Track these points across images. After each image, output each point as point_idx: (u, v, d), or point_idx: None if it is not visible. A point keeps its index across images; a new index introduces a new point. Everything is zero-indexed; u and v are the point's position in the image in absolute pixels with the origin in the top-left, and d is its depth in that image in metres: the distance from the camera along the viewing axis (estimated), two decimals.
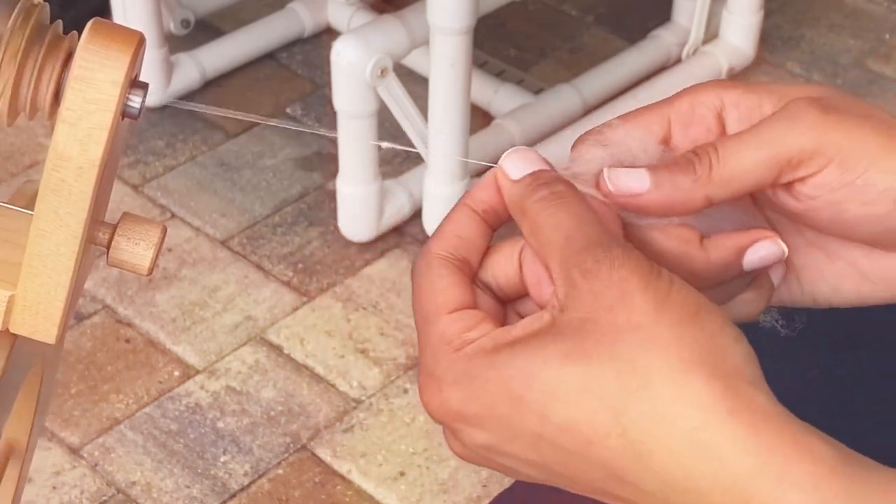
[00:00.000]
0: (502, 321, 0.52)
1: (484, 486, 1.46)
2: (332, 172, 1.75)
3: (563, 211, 0.49)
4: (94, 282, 1.67)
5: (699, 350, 0.45)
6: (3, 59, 0.46)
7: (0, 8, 0.46)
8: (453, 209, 0.53)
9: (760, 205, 0.56)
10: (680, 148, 0.54)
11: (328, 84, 1.66)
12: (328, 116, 1.93)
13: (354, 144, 1.65)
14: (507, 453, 0.48)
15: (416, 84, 1.78)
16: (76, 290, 0.49)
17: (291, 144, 1.91)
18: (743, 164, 0.51)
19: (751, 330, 0.50)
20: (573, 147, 0.54)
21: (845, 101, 0.52)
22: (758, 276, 0.54)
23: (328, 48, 1.61)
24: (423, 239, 1.74)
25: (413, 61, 1.88)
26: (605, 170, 0.52)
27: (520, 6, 2.08)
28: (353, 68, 1.57)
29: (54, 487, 1.45)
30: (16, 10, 0.46)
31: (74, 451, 1.49)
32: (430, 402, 0.48)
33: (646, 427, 0.45)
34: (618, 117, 0.54)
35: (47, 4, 0.48)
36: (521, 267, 0.52)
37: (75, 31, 0.48)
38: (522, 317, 0.52)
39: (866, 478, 0.44)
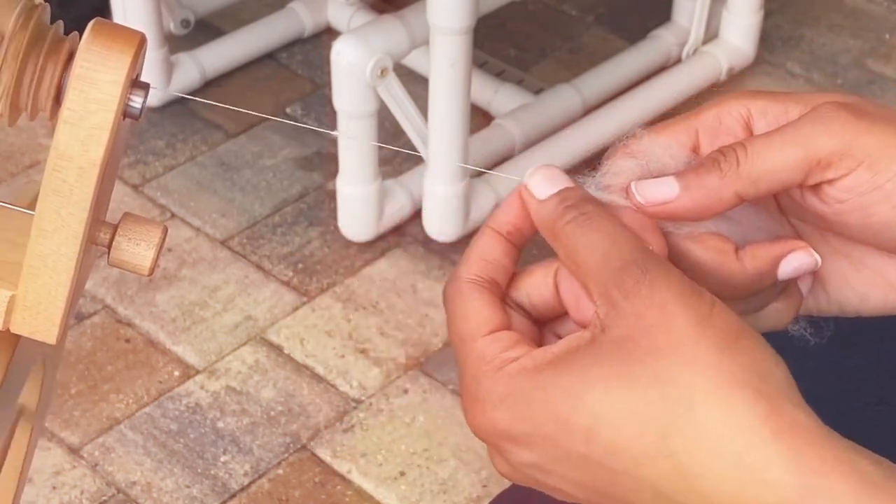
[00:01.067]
0: (538, 341, 0.53)
1: (484, 486, 1.46)
2: (332, 172, 1.75)
3: (595, 231, 0.50)
4: (94, 282, 1.67)
5: (741, 373, 0.46)
6: (4, 59, 0.46)
7: (1, 8, 0.46)
8: (478, 234, 0.53)
9: (787, 212, 0.56)
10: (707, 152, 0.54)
11: (328, 84, 1.66)
12: (328, 116, 1.93)
13: (354, 144, 1.65)
14: (554, 472, 0.48)
15: (416, 84, 1.78)
16: (77, 290, 0.49)
17: (291, 144, 1.91)
18: (772, 161, 0.51)
19: (780, 338, 0.51)
20: (604, 160, 0.55)
21: (874, 106, 0.53)
22: (787, 286, 0.55)
23: (328, 48, 1.61)
24: (423, 239, 1.74)
25: (413, 61, 1.88)
26: (633, 183, 0.52)
27: (520, 6, 2.08)
28: (353, 68, 1.57)
29: (54, 487, 1.45)
30: (17, 11, 0.46)
31: (74, 451, 1.49)
32: (477, 424, 0.49)
33: (692, 450, 0.45)
34: (645, 129, 0.55)
35: (48, 5, 0.48)
36: (556, 287, 0.53)
37: (76, 32, 0.48)
38: (559, 337, 0.52)
39: None
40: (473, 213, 1.72)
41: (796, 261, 0.53)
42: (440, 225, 1.71)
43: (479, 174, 1.72)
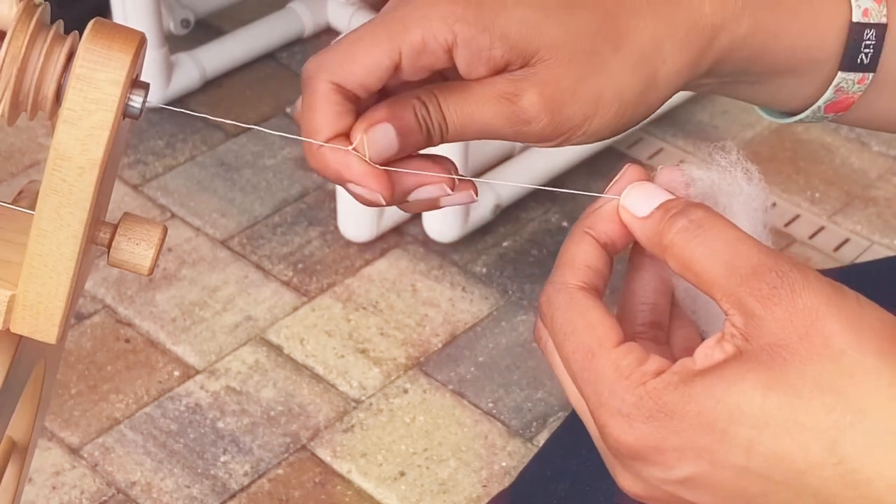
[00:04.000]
0: (664, 353, 0.51)
1: (484, 486, 1.46)
2: None
3: (711, 238, 0.48)
4: (94, 282, 1.67)
5: None
6: (4, 59, 0.46)
7: (1, 8, 0.46)
8: (576, 239, 0.52)
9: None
10: (408, 76, 0.53)
11: None
12: None
13: None
14: (704, 487, 0.47)
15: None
16: (77, 290, 0.49)
17: (291, 144, 1.91)
18: (470, 134, 0.54)
19: None
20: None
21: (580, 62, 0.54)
22: None
23: None
24: (424, 239, 1.74)
25: None
26: (365, 133, 0.53)
27: None
28: None
29: (54, 487, 1.45)
30: (17, 11, 0.46)
31: (74, 451, 1.49)
32: (624, 437, 0.47)
33: (864, 457, 0.44)
34: (346, 61, 0.53)
35: (48, 4, 0.48)
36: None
37: (76, 31, 0.48)
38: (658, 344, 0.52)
39: None
40: (473, 213, 1.72)
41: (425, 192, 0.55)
42: (440, 225, 1.71)
43: (479, 174, 1.72)
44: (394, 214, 1.73)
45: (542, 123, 0.53)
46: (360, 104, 0.54)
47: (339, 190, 1.70)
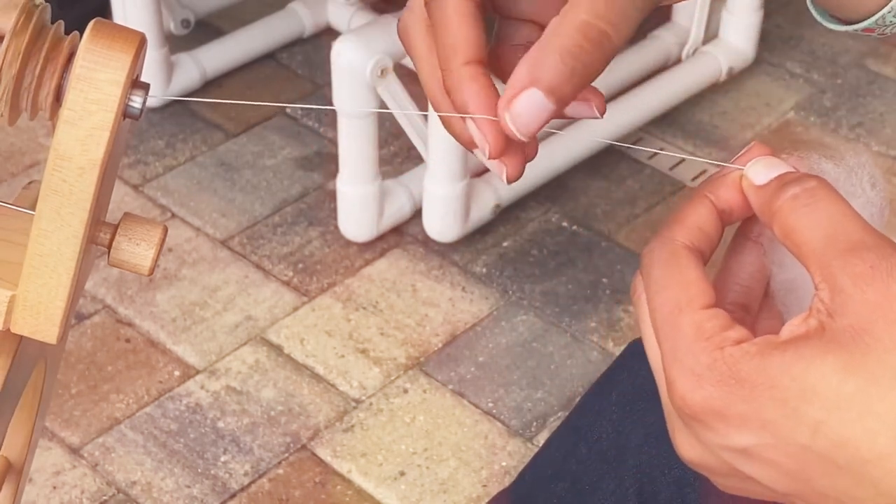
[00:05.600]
0: (746, 324, 0.51)
1: (484, 485, 1.46)
2: (332, 172, 1.75)
3: (818, 209, 0.47)
4: (95, 282, 1.67)
5: None
6: (4, 59, 0.46)
7: (1, 8, 0.46)
8: (695, 199, 0.51)
9: None
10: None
11: (328, 84, 1.66)
12: (328, 116, 1.93)
13: (354, 144, 1.65)
14: (763, 459, 0.47)
15: (416, 84, 1.77)
16: (77, 290, 0.49)
17: (291, 144, 1.91)
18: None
19: None
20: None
21: None
22: None
23: (328, 48, 1.61)
24: (424, 239, 1.74)
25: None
26: (507, 109, 0.49)
27: None
28: (353, 68, 1.57)
29: (54, 487, 1.45)
30: (17, 11, 0.46)
31: (74, 451, 1.49)
32: (690, 397, 0.46)
33: None
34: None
35: (48, 5, 0.48)
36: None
37: (76, 32, 0.48)
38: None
39: None
40: (473, 213, 1.72)
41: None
42: (440, 225, 1.71)
43: (479, 174, 1.72)
44: (394, 214, 1.73)
45: None
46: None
47: (340, 190, 1.70)
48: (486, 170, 1.76)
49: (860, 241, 0.46)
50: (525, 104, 0.49)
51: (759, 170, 0.51)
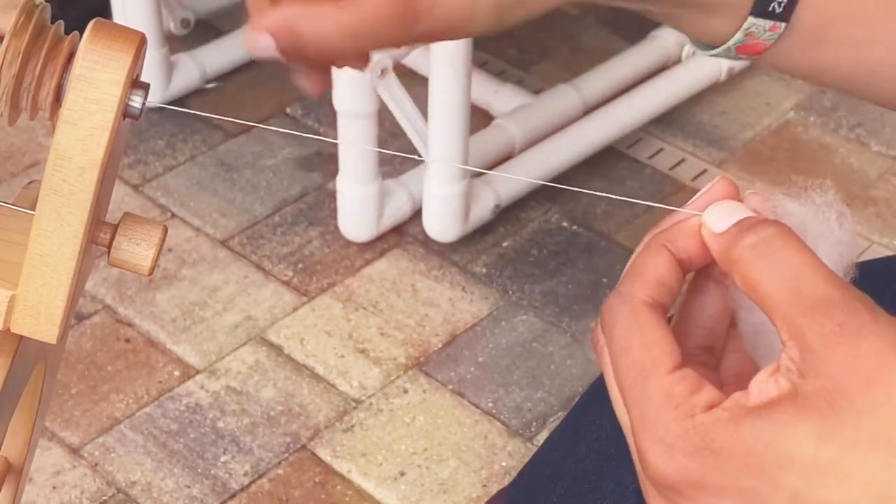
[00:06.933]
0: (712, 378, 0.50)
1: (484, 485, 1.46)
2: (332, 172, 1.75)
3: (778, 260, 0.46)
4: (94, 282, 1.67)
5: None
6: (4, 59, 0.46)
7: (1, 8, 0.46)
8: (651, 251, 0.50)
9: None
10: None
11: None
12: (328, 117, 1.93)
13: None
14: None
15: (416, 84, 1.78)
16: (77, 290, 0.49)
17: (291, 144, 1.91)
18: None
19: None
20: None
21: None
22: None
23: None
24: (424, 239, 1.74)
25: (413, 61, 1.88)
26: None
27: None
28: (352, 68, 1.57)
29: (54, 487, 1.45)
30: (17, 11, 0.46)
31: (74, 451, 1.49)
32: (663, 468, 0.45)
33: None
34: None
35: (48, 5, 0.48)
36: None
37: (76, 32, 0.48)
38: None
39: None
40: (473, 213, 1.72)
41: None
42: (440, 225, 1.71)
43: (479, 175, 1.72)
44: (394, 214, 1.73)
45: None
46: None
47: (340, 190, 1.70)
48: (487, 169, 1.77)
49: (826, 296, 0.45)
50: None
51: (718, 216, 0.49)
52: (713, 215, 0.50)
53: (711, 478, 0.45)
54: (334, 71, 1.76)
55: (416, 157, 1.70)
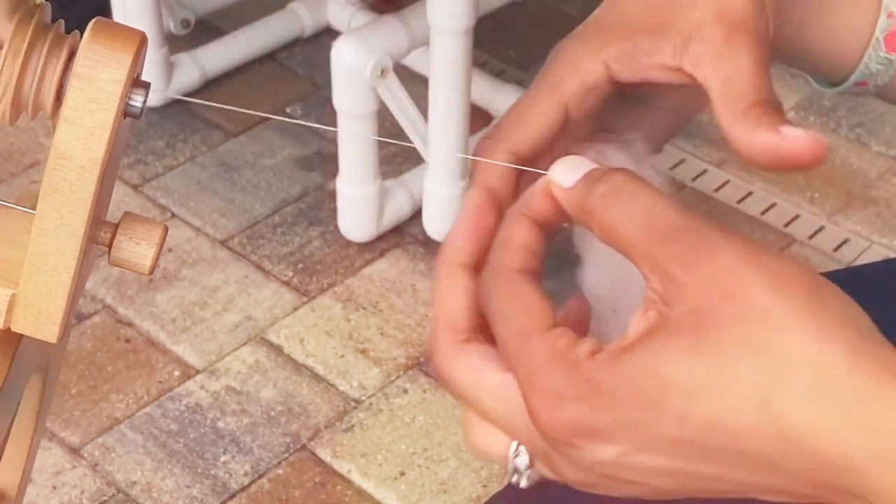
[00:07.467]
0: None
1: (484, 486, 1.46)
2: (332, 172, 1.75)
3: (630, 202, 0.48)
4: (95, 282, 1.67)
5: (833, 328, 0.44)
6: (5, 58, 0.46)
7: (1, 8, 0.46)
8: (513, 220, 0.52)
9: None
10: (576, 119, 0.55)
11: (328, 84, 1.66)
12: (328, 117, 1.93)
13: (354, 144, 1.65)
14: (638, 465, 0.47)
15: (416, 84, 1.78)
16: (78, 289, 0.49)
17: (291, 144, 1.91)
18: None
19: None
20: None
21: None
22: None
23: (328, 48, 1.61)
24: (424, 239, 1.74)
25: (413, 61, 1.88)
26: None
27: (520, 6, 2.08)
28: (353, 68, 1.57)
29: (54, 487, 1.45)
30: (17, 11, 0.46)
31: (74, 451, 1.49)
32: (555, 421, 0.47)
33: (796, 413, 0.44)
34: (519, 127, 0.55)
35: (49, 4, 0.48)
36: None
37: (77, 31, 0.48)
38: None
39: None
40: None
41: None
42: (440, 225, 1.71)
43: None
44: (394, 214, 1.73)
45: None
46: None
47: (340, 190, 1.70)
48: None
49: (677, 225, 0.46)
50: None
51: (565, 171, 0.51)
52: (559, 172, 0.51)
53: (602, 420, 0.46)
54: (334, 70, 1.75)
55: (408, 143, 1.70)
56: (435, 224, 1.71)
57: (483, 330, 0.51)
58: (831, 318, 0.45)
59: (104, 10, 1.86)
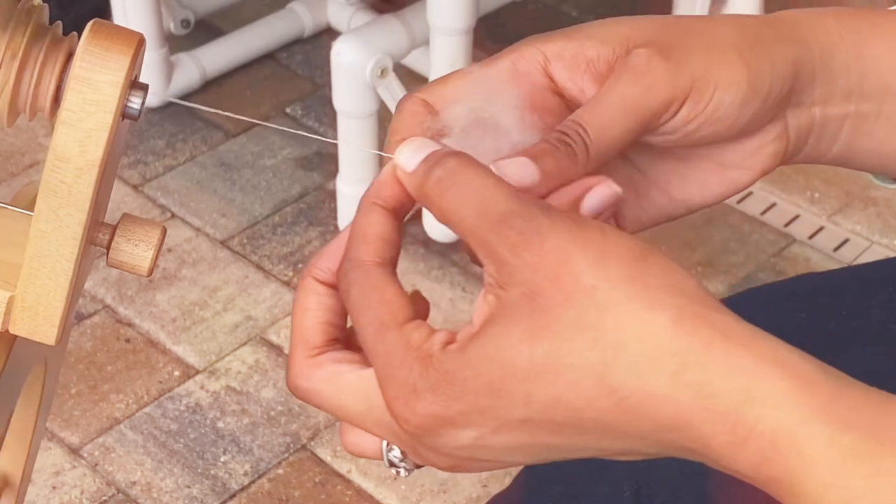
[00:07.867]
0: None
1: (484, 486, 1.46)
2: (332, 172, 1.75)
3: (463, 186, 0.49)
4: (94, 282, 1.68)
5: (658, 294, 0.46)
6: (3, 59, 0.46)
7: (0, 8, 0.46)
8: (366, 211, 0.53)
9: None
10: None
11: (328, 84, 1.66)
12: (328, 116, 1.93)
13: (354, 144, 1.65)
14: (494, 445, 0.48)
15: (416, 84, 1.78)
16: (76, 290, 0.49)
17: (291, 144, 1.91)
18: (614, 137, 0.52)
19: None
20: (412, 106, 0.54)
21: (676, 34, 0.54)
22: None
23: (328, 48, 1.61)
24: (424, 239, 1.74)
25: (413, 61, 1.88)
26: (494, 164, 0.51)
27: (520, 6, 2.08)
28: (353, 68, 1.57)
29: (54, 487, 1.45)
30: (16, 12, 0.46)
31: (74, 451, 1.49)
32: (411, 413, 0.48)
33: (630, 383, 0.46)
34: (440, 84, 0.55)
35: (47, 5, 0.48)
36: None
37: (75, 32, 0.48)
38: None
39: (847, 391, 0.45)
40: None
41: (596, 197, 0.52)
42: (440, 225, 1.70)
43: None
44: None
45: (659, 71, 0.53)
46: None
47: (340, 190, 1.70)
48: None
49: (507, 209, 0.47)
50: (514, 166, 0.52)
51: (408, 155, 0.52)
52: (403, 156, 0.52)
53: (455, 408, 0.47)
54: (334, 70, 1.75)
55: None
56: (435, 224, 1.71)
57: (348, 339, 0.53)
58: (656, 286, 0.46)
59: (104, 10, 1.86)
